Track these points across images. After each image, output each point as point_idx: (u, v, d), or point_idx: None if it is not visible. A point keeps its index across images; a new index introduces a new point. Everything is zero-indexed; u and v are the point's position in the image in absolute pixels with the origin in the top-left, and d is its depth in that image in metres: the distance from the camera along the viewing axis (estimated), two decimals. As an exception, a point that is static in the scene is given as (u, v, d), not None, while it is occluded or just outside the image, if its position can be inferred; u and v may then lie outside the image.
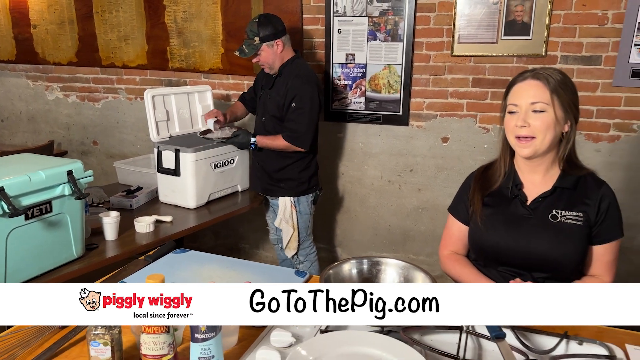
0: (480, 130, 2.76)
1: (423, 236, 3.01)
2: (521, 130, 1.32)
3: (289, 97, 2.42)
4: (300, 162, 2.56)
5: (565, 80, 1.31)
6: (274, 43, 2.43)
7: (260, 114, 2.61)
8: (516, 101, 1.34)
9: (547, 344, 1.10)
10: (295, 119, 2.42)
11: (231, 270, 1.43)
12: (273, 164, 2.57)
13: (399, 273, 1.23)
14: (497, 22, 2.58)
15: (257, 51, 2.43)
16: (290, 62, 2.48)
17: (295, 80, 2.43)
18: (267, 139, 2.49)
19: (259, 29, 2.40)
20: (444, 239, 1.53)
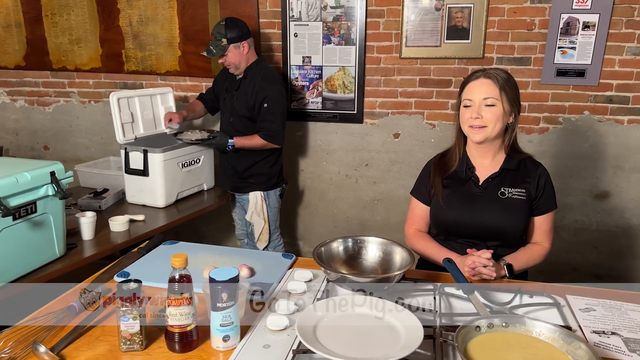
0: (427, 126, 3.01)
1: (379, 225, 3.23)
2: (475, 121, 1.55)
3: (260, 98, 2.57)
4: (270, 158, 2.73)
5: (510, 79, 1.55)
6: (240, 44, 2.57)
7: (228, 114, 2.73)
8: (470, 97, 1.57)
9: (505, 298, 1.33)
10: (269, 119, 2.58)
11: (224, 257, 1.56)
12: (244, 162, 2.71)
13: (380, 249, 1.41)
14: (440, 27, 2.84)
15: (225, 52, 2.56)
16: (255, 65, 2.63)
17: (263, 82, 2.58)
18: (244, 140, 2.61)
19: (226, 31, 2.54)
20: (408, 219, 1.74)
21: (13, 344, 1.06)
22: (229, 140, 2.59)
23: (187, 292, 1.07)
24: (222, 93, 2.79)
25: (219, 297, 1.06)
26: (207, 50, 2.59)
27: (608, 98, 2.74)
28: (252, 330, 1.16)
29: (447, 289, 1.36)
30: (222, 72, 2.82)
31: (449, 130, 2.97)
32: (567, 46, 2.70)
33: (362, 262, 1.43)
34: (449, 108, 2.95)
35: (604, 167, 2.85)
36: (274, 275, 1.43)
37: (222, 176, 2.85)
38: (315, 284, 1.38)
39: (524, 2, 2.72)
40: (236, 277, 1.08)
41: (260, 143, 2.61)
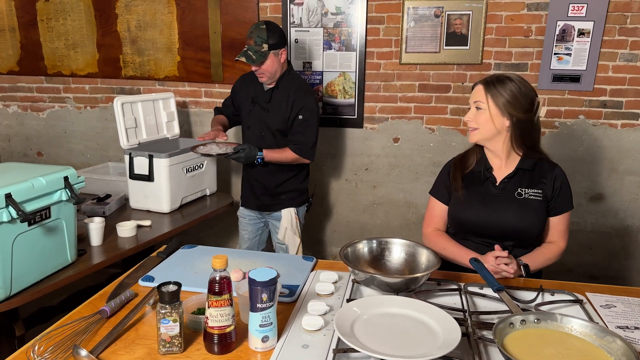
0: (426, 131, 3.06)
1: (379, 229, 3.26)
2: (469, 123, 1.62)
3: (295, 110, 2.37)
4: (302, 173, 2.58)
5: (510, 87, 1.56)
6: (280, 52, 2.35)
7: (257, 129, 2.47)
8: (470, 101, 1.63)
9: (528, 296, 1.36)
10: (302, 131, 2.39)
11: (245, 260, 1.56)
12: (276, 178, 2.51)
13: (404, 250, 1.44)
14: (439, 33, 2.89)
15: (265, 58, 2.30)
16: (287, 74, 2.42)
17: (299, 93, 2.38)
18: (275, 153, 2.40)
19: (268, 35, 2.29)
20: (427, 218, 1.77)
21: (52, 349, 1.05)
22: (258, 153, 2.36)
23: (227, 294, 1.07)
24: (246, 105, 2.51)
25: (259, 298, 1.07)
26: (245, 56, 2.29)
27: (602, 103, 2.83)
28: (287, 331, 1.17)
29: (470, 288, 1.39)
30: (244, 81, 2.56)
31: (448, 134, 3.03)
32: (563, 52, 2.78)
33: (385, 263, 1.45)
34: (448, 113, 3.01)
35: (599, 169, 2.93)
36: (298, 277, 1.44)
37: (247, 194, 2.61)
38: (341, 285, 1.40)
39: (521, 9, 2.79)
40: (275, 277, 1.09)
41: (291, 157, 2.40)
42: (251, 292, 1.08)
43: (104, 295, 1.36)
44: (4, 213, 1.49)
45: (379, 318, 1.16)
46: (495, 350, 1.10)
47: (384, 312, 1.18)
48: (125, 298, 1.29)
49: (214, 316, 1.07)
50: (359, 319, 1.14)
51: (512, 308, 1.18)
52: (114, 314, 1.24)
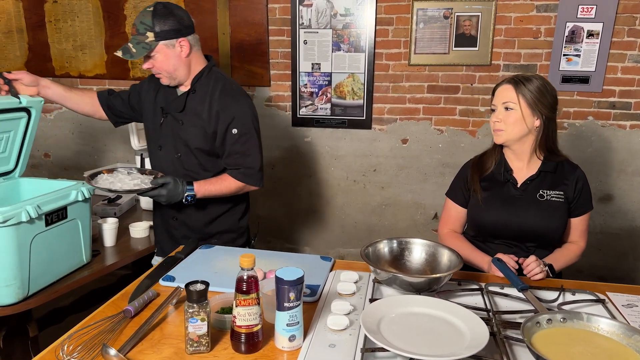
0: (435, 132, 3.06)
1: (387, 230, 3.26)
2: (495, 125, 1.61)
3: (223, 122, 1.77)
4: (239, 207, 1.99)
5: (536, 84, 1.58)
6: (177, 43, 1.72)
7: (171, 148, 1.86)
8: (494, 101, 1.63)
9: (549, 296, 1.36)
10: (244, 151, 1.80)
11: (264, 259, 1.56)
12: (201, 216, 1.89)
13: (424, 250, 1.44)
14: (449, 35, 2.90)
15: (150, 52, 1.71)
16: (207, 73, 1.82)
17: (223, 98, 1.78)
18: (211, 184, 1.78)
19: (155, 21, 1.68)
20: (443, 220, 1.77)
21: (81, 348, 1.04)
22: (186, 188, 1.73)
23: (255, 292, 1.07)
24: (154, 116, 1.89)
25: (286, 297, 1.07)
26: (122, 50, 1.72)
27: (611, 104, 2.84)
28: (313, 331, 1.16)
29: (491, 288, 1.39)
30: (152, 82, 1.92)
31: (457, 135, 3.03)
32: (572, 54, 2.79)
33: (406, 263, 1.45)
34: (457, 114, 3.01)
35: (608, 171, 2.93)
36: (318, 277, 1.44)
37: (162, 238, 1.99)
38: (362, 284, 1.40)
39: (530, 11, 2.80)
40: (302, 277, 1.09)
41: (234, 187, 1.82)
42: (278, 290, 1.08)
43: (125, 295, 1.35)
44: (22, 213, 1.49)
45: (404, 317, 1.16)
46: (522, 350, 1.10)
47: (409, 311, 1.18)
48: (148, 298, 1.29)
49: (242, 315, 1.07)
50: (384, 318, 1.14)
51: (537, 307, 1.18)
52: (137, 313, 1.24)
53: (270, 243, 3.42)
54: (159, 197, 1.71)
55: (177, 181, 1.72)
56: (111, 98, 2.03)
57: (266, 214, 3.38)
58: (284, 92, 3.16)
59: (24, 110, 1.80)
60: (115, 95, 2.04)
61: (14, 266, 1.51)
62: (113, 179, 1.75)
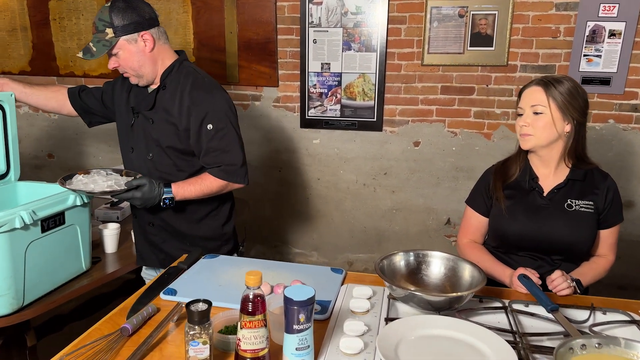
0: (449, 134, 2.96)
1: (397, 235, 3.16)
2: (522, 129, 1.51)
3: (197, 118, 1.64)
4: (222, 211, 1.83)
5: (567, 86, 1.48)
6: (139, 37, 1.61)
7: (143, 148, 1.75)
8: (521, 104, 1.52)
9: (579, 315, 1.26)
10: (223, 147, 1.67)
11: (271, 271, 1.47)
12: (180, 220, 1.77)
13: (444, 264, 1.34)
14: (464, 34, 2.80)
15: (111, 49, 1.61)
16: (177, 67, 1.71)
17: (195, 92, 1.65)
18: (190, 184, 1.66)
19: (113, 17, 1.57)
20: (462, 229, 1.67)
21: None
22: (163, 190, 1.61)
23: (261, 314, 0.98)
24: (125, 117, 1.79)
25: (296, 319, 0.98)
26: (83, 50, 1.63)
27: (633, 107, 2.72)
28: (324, 354, 1.07)
29: (516, 306, 1.29)
30: (125, 81, 1.78)
31: (472, 138, 2.93)
32: (593, 54, 2.68)
33: (423, 278, 1.35)
34: (472, 116, 2.91)
35: (629, 176, 2.82)
36: (329, 292, 1.35)
37: (142, 246, 1.86)
38: (375, 301, 1.30)
39: (549, 9, 2.69)
40: (313, 296, 1.00)
41: (216, 186, 1.68)
42: (287, 311, 0.99)
43: (123, 310, 1.27)
44: (16, 219, 1.41)
45: (424, 341, 1.06)
46: (553, 378, 1.00)
47: (429, 333, 1.08)
48: (147, 314, 1.20)
49: (247, 338, 0.98)
50: (402, 341, 1.05)
51: (569, 330, 1.08)
52: (136, 331, 1.15)
53: (277, 247, 3.34)
54: (133, 200, 1.61)
55: (154, 183, 1.61)
56: (82, 94, 1.93)
57: (273, 217, 3.29)
58: (292, 93, 3.07)
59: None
60: (87, 92, 1.94)
61: (8, 275, 1.43)
62: (87, 180, 1.64)
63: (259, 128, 3.16)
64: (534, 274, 1.39)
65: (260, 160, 3.21)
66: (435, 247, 3.08)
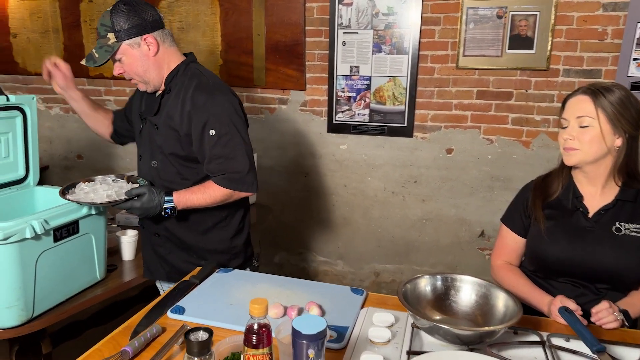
0: (484, 142, 2.81)
1: (427, 246, 3.02)
2: (566, 143, 1.36)
3: (198, 123, 1.55)
4: (231, 223, 1.72)
5: (618, 95, 1.33)
6: (142, 41, 1.53)
7: (148, 156, 1.68)
8: (566, 115, 1.38)
9: (632, 355, 1.12)
10: (227, 154, 1.56)
11: (286, 290, 1.38)
12: (187, 230, 1.68)
13: (475, 290, 1.22)
14: (502, 36, 2.64)
15: (113, 55, 1.54)
16: (183, 70, 1.61)
17: (198, 96, 1.55)
18: (192, 193, 1.57)
19: (114, 21, 1.50)
20: (497, 249, 1.54)
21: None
22: (164, 199, 1.54)
23: (266, 347, 0.89)
24: (136, 122, 1.75)
25: (304, 355, 0.88)
26: (86, 58, 1.57)
27: (689, 115, 2.50)
28: (337, 391, 0.97)
29: (555, 340, 1.15)
30: (139, 90, 1.73)
31: (509, 146, 2.77)
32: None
33: (451, 304, 1.23)
34: (509, 122, 2.74)
35: (682, 190, 2.60)
36: (346, 316, 1.25)
37: (148, 258, 1.78)
38: (398, 329, 1.19)
39: (595, 10, 2.50)
40: (324, 330, 0.90)
41: (220, 195, 1.58)
42: (295, 345, 0.89)
43: (128, 328, 1.20)
44: (26, 229, 1.36)
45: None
46: None
47: (455, 372, 0.97)
48: (150, 335, 1.13)
49: (251, 373, 0.89)
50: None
51: (619, 378, 0.95)
52: (138, 354, 1.08)
53: (301, 255, 3.25)
54: (132, 210, 1.53)
55: (154, 192, 1.53)
56: (116, 119, 1.92)
57: (297, 224, 3.21)
58: (319, 97, 2.98)
59: (15, 108, 1.69)
60: (119, 115, 1.91)
61: (17, 286, 1.39)
62: (89, 189, 1.58)
63: (285, 132, 3.09)
64: (574, 305, 1.24)
65: (286, 165, 3.13)
66: (468, 260, 2.95)
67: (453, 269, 2.99)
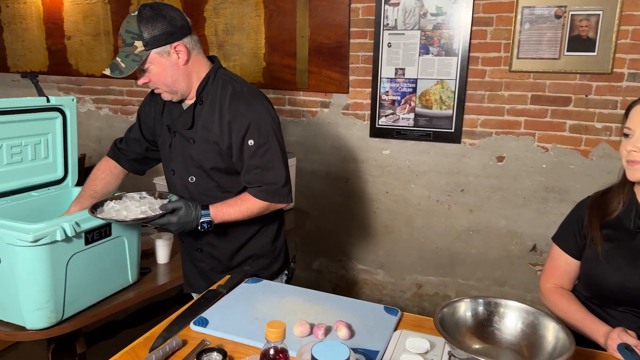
0: (538, 150, 2.62)
1: (473, 259, 2.87)
2: (630, 155, 1.21)
3: (238, 133, 1.48)
4: (271, 227, 1.69)
5: None
6: (171, 49, 1.43)
7: (182, 171, 1.59)
8: (630, 124, 1.23)
9: None
10: (262, 164, 1.51)
11: (315, 305, 1.30)
12: (228, 242, 1.63)
13: (521, 318, 1.09)
14: (560, 37, 2.46)
15: (143, 65, 1.43)
16: (213, 78, 1.53)
17: (234, 104, 1.48)
18: (229, 206, 1.51)
19: (142, 27, 1.39)
20: (547, 271, 1.40)
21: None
22: (201, 213, 1.47)
23: (283, 375, 0.81)
24: (163, 137, 1.63)
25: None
26: (111, 67, 1.45)
27: None
28: None
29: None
30: (153, 101, 1.66)
31: (565, 155, 2.57)
32: None
33: (494, 332, 1.11)
34: (566, 130, 2.55)
35: None
36: (377, 338, 1.16)
37: (190, 271, 1.73)
38: (433, 357, 1.09)
39: (668, 7, 2.28)
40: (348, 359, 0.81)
41: (257, 207, 1.53)
42: (316, 375, 0.81)
43: (149, 339, 1.16)
44: (57, 231, 1.36)
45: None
46: None
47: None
48: (170, 348, 1.08)
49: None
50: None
51: None
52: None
53: (341, 262, 3.17)
54: (169, 225, 1.45)
55: (190, 206, 1.45)
56: (122, 148, 1.74)
57: (337, 230, 3.12)
58: (362, 100, 2.89)
59: (55, 110, 1.69)
60: (129, 139, 1.74)
61: (47, 288, 1.38)
62: (119, 207, 1.50)
63: (326, 136, 3.01)
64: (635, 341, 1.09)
65: (326, 170, 3.06)
66: (518, 276, 2.77)
67: (501, 284, 2.82)
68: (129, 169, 1.78)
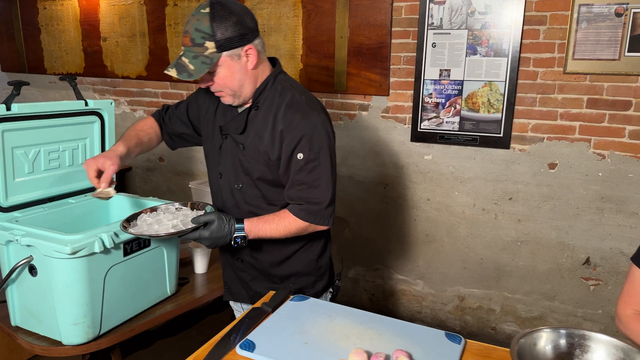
0: (594, 157, 2.45)
1: (521, 272, 2.71)
2: None
3: (289, 145, 1.38)
4: (315, 244, 1.57)
5: None
6: (242, 52, 1.34)
7: (231, 175, 1.50)
8: None
9: None
10: (311, 182, 1.40)
11: (369, 329, 1.19)
12: (271, 255, 1.54)
13: (610, 354, 0.96)
14: (621, 36, 2.29)
15: (212, 67, 1.32)
16: (271, 83, 1.42)
17: (291, 115, 1.38)
18: (266, 223, 1.41)
19: (214, 27, 1.29)
20: (626, 295, 1.26)
21: None
22: (235, 228, 1.38)
23: None
24: (210, 134, 1.55)
25: None
26: (177, 68, 1.33)
27: None
28: None
29: None
30: (207, 92, 1.52)
31: (624, 163, 2.40)
32: None
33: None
34: (626, 136, 2.38)
35: None
36: (442, 370, 1.04)
37: (232, 280, 1.65)
38: (508, 395, 0.97)
39: None
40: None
41: (295, 227, 1.43)
42: None
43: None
44: (95, 243, 1.29)
45: None
46: None
47: None
48: (216, 377, 0.99)
49: None
50: None
51: None
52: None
53: (378, 271, 3.05)
54: (200, 240, 1.35)
55: (223, 219, 1.35)
56: (167, 120, 1.66)
57: (375, 238, 3.01)
58: (404, 103, 2.77)
59: (94, 114, 1.63)
60: (173, 115, 1.65)
61: (84, 302, 1.32)
62: (152, 220, 1.40)
63: (365, 140, 2.90)
64: None
65: (364, 174, 2.95)
66: (569, 290, 2.60)
67: (550, 298, 2.65)
68: (165, 140, 1.71)
